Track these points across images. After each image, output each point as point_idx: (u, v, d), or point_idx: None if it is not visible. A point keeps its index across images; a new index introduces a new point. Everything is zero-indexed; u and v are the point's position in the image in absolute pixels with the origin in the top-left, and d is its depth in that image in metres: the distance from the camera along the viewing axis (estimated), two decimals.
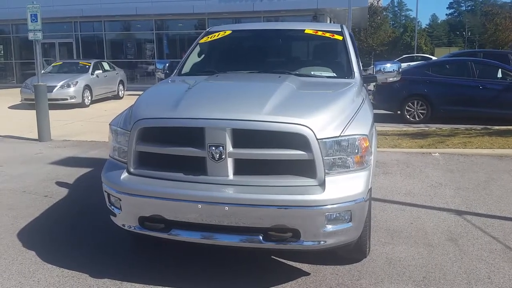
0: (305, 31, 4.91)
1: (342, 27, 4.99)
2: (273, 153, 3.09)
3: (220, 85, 4.12)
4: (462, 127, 10.41)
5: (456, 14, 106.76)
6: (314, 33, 4.87)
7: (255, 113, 3.14)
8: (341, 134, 3.15)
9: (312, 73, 4.49)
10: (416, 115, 11.53)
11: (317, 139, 3.05)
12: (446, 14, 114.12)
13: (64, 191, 5.78)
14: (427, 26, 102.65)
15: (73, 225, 4.67)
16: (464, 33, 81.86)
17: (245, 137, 3.09)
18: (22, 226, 4.63)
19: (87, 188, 5.94)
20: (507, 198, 5.44)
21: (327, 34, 4.83)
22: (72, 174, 6.60)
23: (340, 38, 4.78)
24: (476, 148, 7.99)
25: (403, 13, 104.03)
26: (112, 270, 3.67)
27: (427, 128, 10.48)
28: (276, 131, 3.07)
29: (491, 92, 11.13)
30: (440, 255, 3.93)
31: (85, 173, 6.68)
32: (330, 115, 3.25)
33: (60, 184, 6.11)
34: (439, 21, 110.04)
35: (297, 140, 3.06)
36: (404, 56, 34.97)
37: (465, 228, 4.53)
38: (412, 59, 30.42)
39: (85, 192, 5.77)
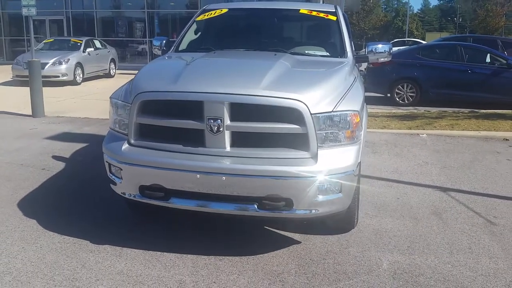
0: (300, 11, 5.02)
1: (336, 8, 5.11)
2: (268, 127, 3.24)
3: (218, 61, 4.24)
4: (450, 110, 10.63)
5: None
6: (308, 13, 4.99)
7: (252, 88, 3.28)
8: (334, 110, 3.31)
9: (306, 52, 4.62)
10: (405, 98, 11.72)
11: (311, 114, 3.20)
12: (438, 0, 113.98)
13: (61, 165, 5.90)
14: (419, 11, 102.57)
15: (73, 196, 4.81)
16: (455, 18, 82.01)
17: (242, 111, 3.23)
18: (22, 196, 4.76)
19: (84, 161, 6.08)
20: (490, 176, 5.67)
21: (322, 14, 4.96)
22: (68, 148, 6.70)
23: (334, 18, 4.91)
24: (463, 130, 8.21)
25: None
26: (113, 237, 3.83)
27: (416, 111, 10.68)
28: (272, 105, 3.22)
29: (480, 76, 11.34)
30: (425, 228, 4.14)
31: (81, 148, 6.79)
32: (324, 91, 3.40)
33: (56, 158, 6.23)
34: (431, 6, 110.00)
35: (292, 115, 3.21)
36: (396, 40, 35.11)
37: (449, 203, 4.75)
38: (403, 43, 30.58)
39: (82, 165, 5.90)
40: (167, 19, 24.45)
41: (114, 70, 18.67)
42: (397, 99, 11.74)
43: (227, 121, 3.22)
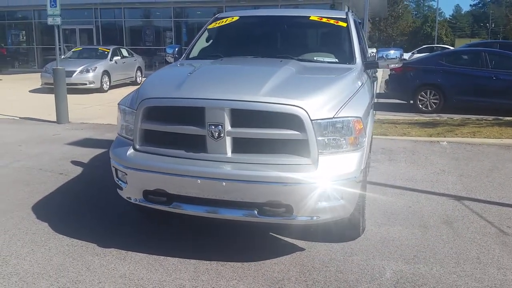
0: (310, 18, 5.02)
1: (347, 14, 5.09)
2: (269, 133, 3.25)
3: (222, 68, 4.28)
4: (473, 117, 10.41)
5: (480, 5, 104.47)
6: (318, 19, 4.98)
7: (252, 94, 3.30)
8: (335, 116, 3.29)
9: (315, 58, 4.62)
10: (428, 105, 11.51)
11: (311, 120, 3.20)
12: (470, 5, 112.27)
13: (78, 170, 6.04)
14: (450, 17, 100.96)
15: (85, 200, 4.92)
16: (487, 24, 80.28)
17: (243, 117, 3.26)
18: (36, 200, 4.90)
19: (100, 167, 6.19)
20: (508, 185, 5.52)
21: (332, 21, 4.94)
22: (87, 154, 6.86)
23: (344, 24, 4.88)
24: (485, 137, 8.03)
25: (426, 3, 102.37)
26: (119, 240, 3.91)
27: (438, 118, 10.50)
28: (272, 111, 3.23)
29: (505, 83, 11.02)
30: (434, 237, 4.06)
31: (100, 153, 6.93)
32: (325, 97, 3.39)
33: (75, 163, 6.38)
34: (462, 12, 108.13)
35: (292, 121, 3.22)
36: (424, 46, 34.61)
37: (462, 212, 4.64)
38: (431, 49, 30.10)
39: (98, 171, 6.03)
40: (194, 28, 24.77)
41: (140, 78, 19.00)
42: (420, 106, 11.55)
43: (228, 127, 3.25)
